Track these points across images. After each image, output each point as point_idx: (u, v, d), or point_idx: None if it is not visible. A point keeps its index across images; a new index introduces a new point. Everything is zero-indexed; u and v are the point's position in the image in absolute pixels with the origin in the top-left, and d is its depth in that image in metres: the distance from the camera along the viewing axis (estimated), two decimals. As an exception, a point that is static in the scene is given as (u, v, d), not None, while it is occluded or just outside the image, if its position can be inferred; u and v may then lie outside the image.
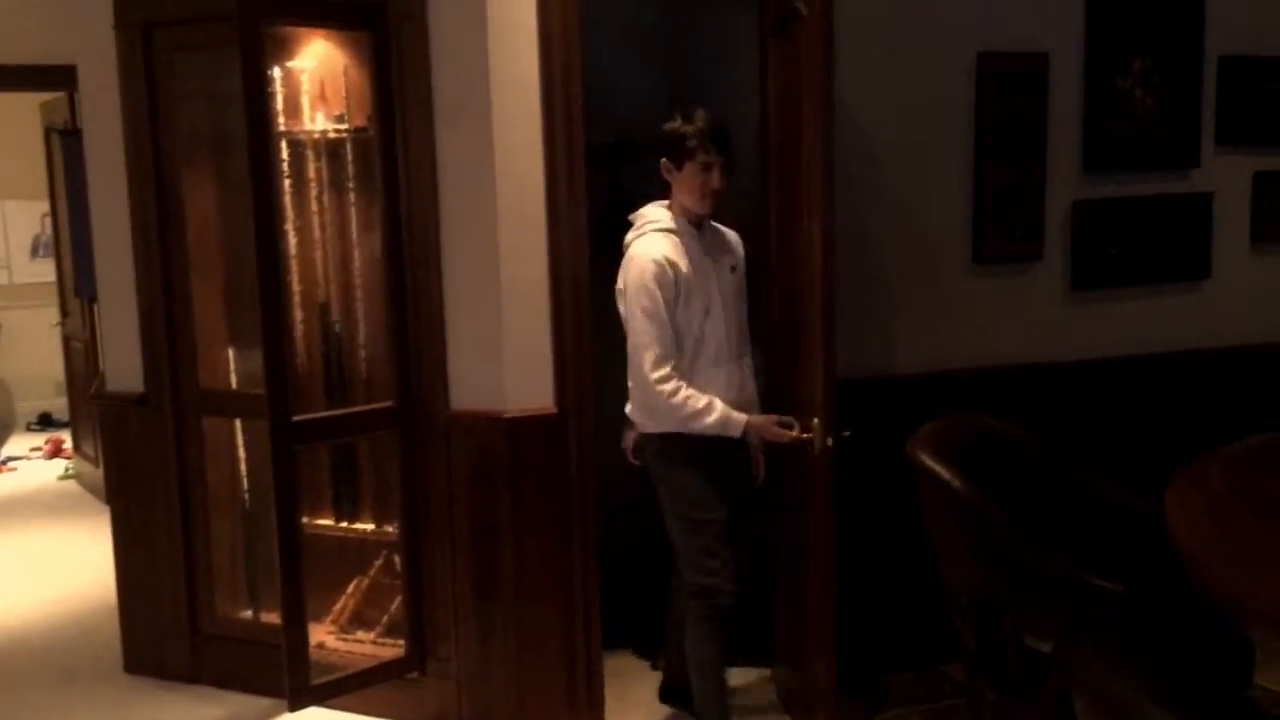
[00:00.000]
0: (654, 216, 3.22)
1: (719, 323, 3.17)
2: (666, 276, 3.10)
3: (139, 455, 3.90)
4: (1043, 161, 3.85)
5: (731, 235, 3.35)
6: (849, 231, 3.41)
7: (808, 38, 3.11)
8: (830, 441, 2.87)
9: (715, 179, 3.12)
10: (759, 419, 3.17)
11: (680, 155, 3.13)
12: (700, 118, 3.13)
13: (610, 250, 4.44)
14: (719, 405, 3.10)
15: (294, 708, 3.32)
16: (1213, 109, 4.05)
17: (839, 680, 3.15)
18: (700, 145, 3.09)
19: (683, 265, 3.12)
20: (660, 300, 3.09)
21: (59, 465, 7.45)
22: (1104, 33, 3.86)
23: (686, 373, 3.13)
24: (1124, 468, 2.91)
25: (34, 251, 9.05)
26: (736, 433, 3.11)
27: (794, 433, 3.06)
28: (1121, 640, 1.52)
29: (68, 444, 7.54)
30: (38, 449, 7.88)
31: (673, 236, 3.16)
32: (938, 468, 2.01)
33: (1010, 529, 1.92)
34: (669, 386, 3.09)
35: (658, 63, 4.77)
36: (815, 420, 2.93)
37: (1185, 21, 3.96)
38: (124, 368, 3.90)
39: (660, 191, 3.31)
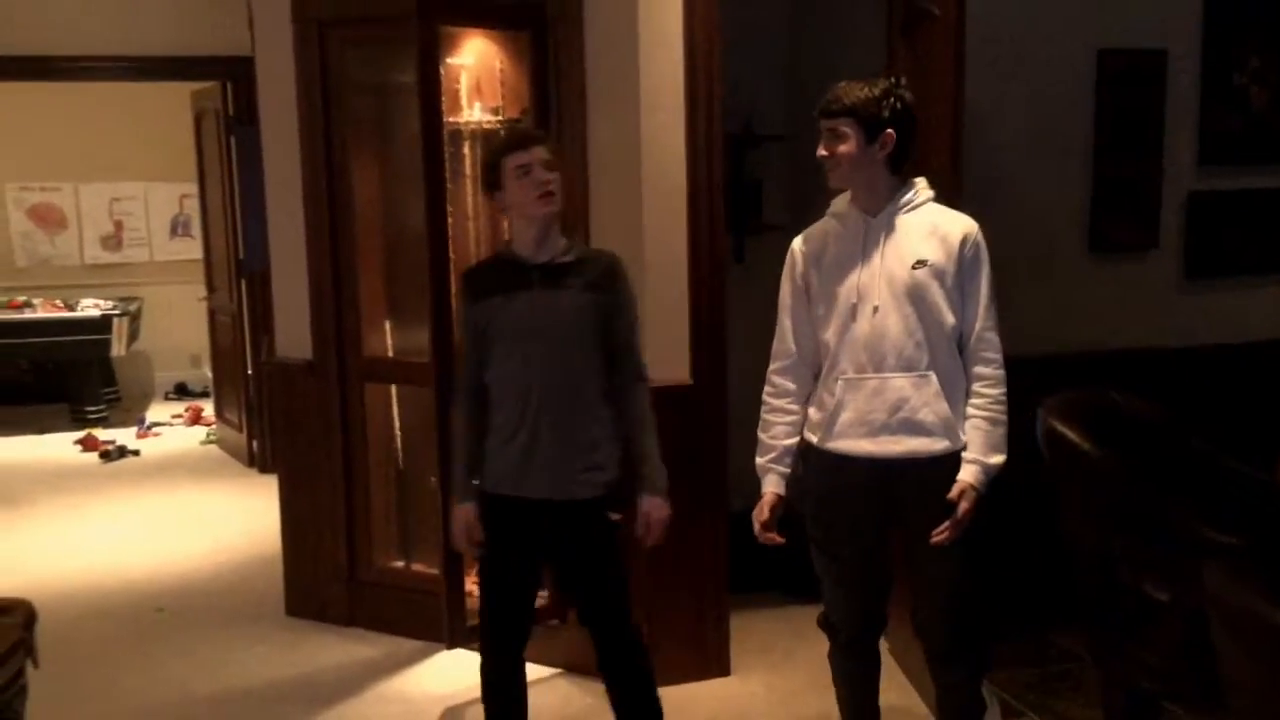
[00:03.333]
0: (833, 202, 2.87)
1: (868, 325, 2.68)
2: (792, 264, 2.85)
3: (306, 417, 4.26)
4: (1159, 154, 4.00)
5: (945, 224, 2.73)
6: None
7: (939, 38, 3.32)
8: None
9: (821, 148, 2.71)
10: (766, 502, 2.80)
11: None
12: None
13: (731, 230, 4.72)
14: (770, 446, 2.83)
15: (452, 646, 3.65)
16: (1330, 104, 4.16)
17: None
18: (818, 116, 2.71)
19: (824, 253, 2.78)
20: (785, 290, 2.87)
21: (199, 431, 7.94)
22: (1221, 31, 4.01)
23: (822, 380, 2.79)
24: (1236, 449, 3.09)
25: (172, 231, 9.59)
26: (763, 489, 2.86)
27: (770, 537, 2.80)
28: (1254, 565, 1.72)
29: (207, 411, 8.04)
30: (178, 416, 8.40)
31: (831, 221, 2.83)
32: (1067, 430, 2.22)
33: (1134, 484, 2.13)
34: (766, 389, 2.88)
35: (780, 57, 5.00)
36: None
37: (1303, 19, 4.08)
38: (294, 337, 4.27)
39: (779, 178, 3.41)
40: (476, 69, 4.02)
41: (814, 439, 2.78)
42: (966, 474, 2.62)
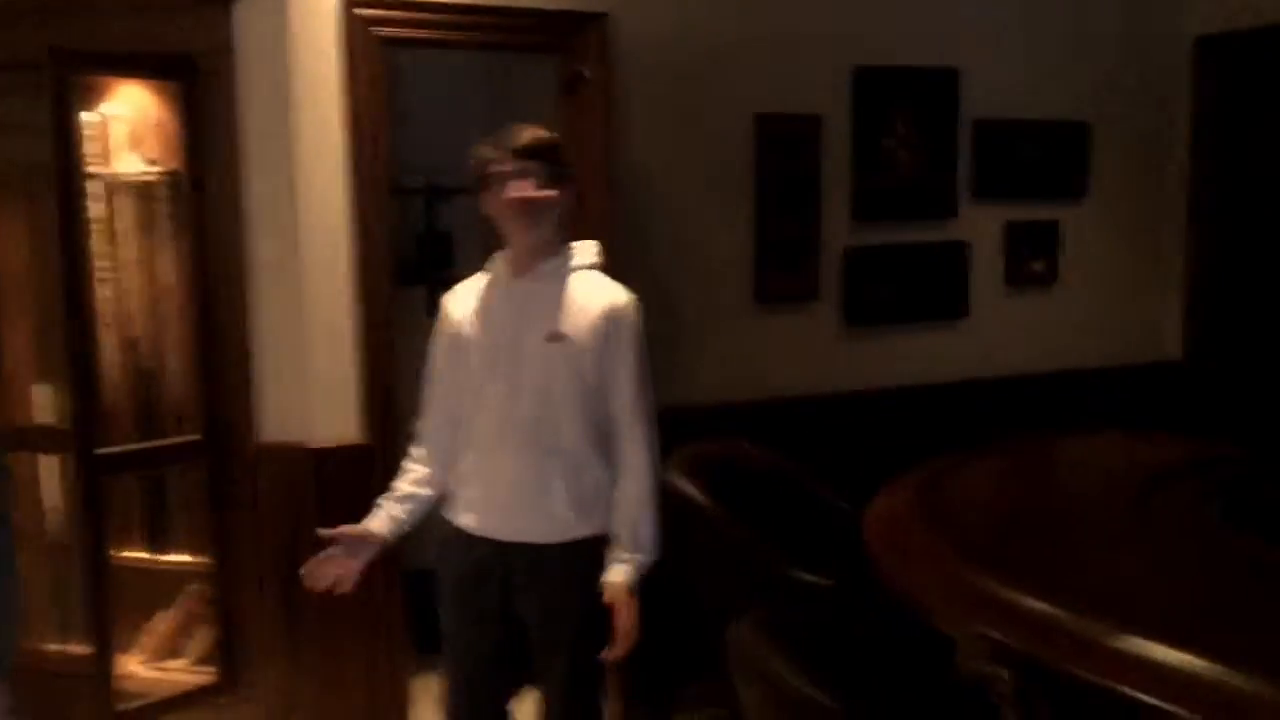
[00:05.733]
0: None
1: (504, 398, 2.50)
2: (442, 321, 2.67)
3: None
4: (818, 212, 4.23)
5: (593, 296, 2.53)
6: (644, 274, 3.66)
7: (591, 99, 3.42)
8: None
9: (516, 188, 2.45)
10: (348, 526, 2.65)
11: (483, 181, 2.52)
12: (501, 135, 2.51)
13: (424, 281, 4.73)
14: (391, 488, 2.69)
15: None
16: (969, 166, 4.51)
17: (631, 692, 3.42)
18: (496, 159, 2.48)
19: (466, 313, 2.60)
20: (433, 347, 2.69)
21: None
22: (869, 99, 4.28)
23: (460, 449, 2.61)
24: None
25: None
26: None
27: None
28: (787, 621, 1.79)
29: None
30: None
31: (484, 278, 2.65)
32: (685, 484, 2.28)
33: (731, 532, 2.21)
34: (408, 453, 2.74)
35: (474, 114, 5.03)
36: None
37: (942, 89, 4.42)
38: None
39: (473, 230, 3.37)
40: (133, 119, 3.83)
41: (446, 513, 2.66)
42: (618, 574, 2.46)
